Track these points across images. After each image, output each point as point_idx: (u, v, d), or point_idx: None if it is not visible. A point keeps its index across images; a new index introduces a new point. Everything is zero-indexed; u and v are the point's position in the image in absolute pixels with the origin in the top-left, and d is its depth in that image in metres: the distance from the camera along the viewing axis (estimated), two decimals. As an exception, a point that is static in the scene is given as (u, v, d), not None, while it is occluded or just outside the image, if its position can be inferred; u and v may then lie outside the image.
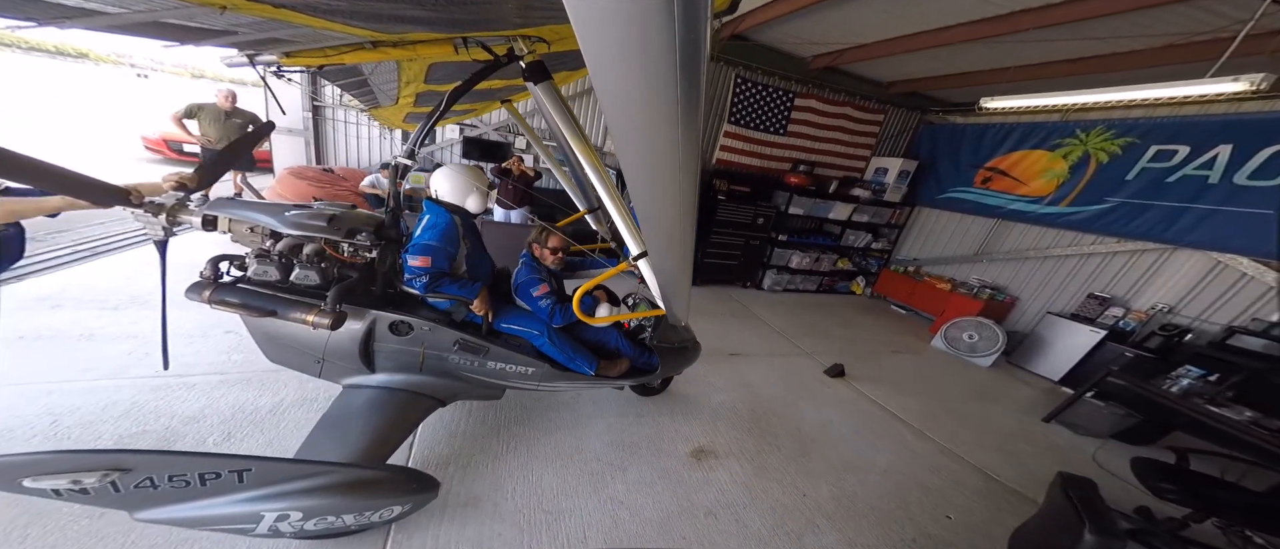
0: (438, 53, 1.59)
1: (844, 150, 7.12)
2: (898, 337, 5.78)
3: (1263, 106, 3.75)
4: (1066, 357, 4.80)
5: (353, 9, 1.05)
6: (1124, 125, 4.67)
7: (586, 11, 0.48)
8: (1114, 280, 4.95)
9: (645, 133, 0.74)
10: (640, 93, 0.62)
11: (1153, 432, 3.59)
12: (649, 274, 1.81)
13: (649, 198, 1.03)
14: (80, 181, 1.39)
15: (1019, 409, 4.09)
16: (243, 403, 2.39)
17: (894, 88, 6.64)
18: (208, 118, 4.40)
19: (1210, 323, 4.19)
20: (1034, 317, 5.52)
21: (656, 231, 1.26)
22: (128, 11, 1.05)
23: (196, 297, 1.72)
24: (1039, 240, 5.67)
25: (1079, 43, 3.66)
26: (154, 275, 1.86)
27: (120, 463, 1.29)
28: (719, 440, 2.80)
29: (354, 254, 1.91)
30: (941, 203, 6.78)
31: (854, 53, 5.26)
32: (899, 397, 3.89)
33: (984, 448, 3.27)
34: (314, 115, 5.71)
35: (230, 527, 1.50)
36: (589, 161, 1.63)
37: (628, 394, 3.05)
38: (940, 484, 2.74)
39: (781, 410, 3.32)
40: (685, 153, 0.76)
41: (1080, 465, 3.28)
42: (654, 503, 2.20)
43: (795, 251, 6.87)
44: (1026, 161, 5.63)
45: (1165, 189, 4.34)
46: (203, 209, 1.74)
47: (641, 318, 2.62)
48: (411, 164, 1.85)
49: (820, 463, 2.77)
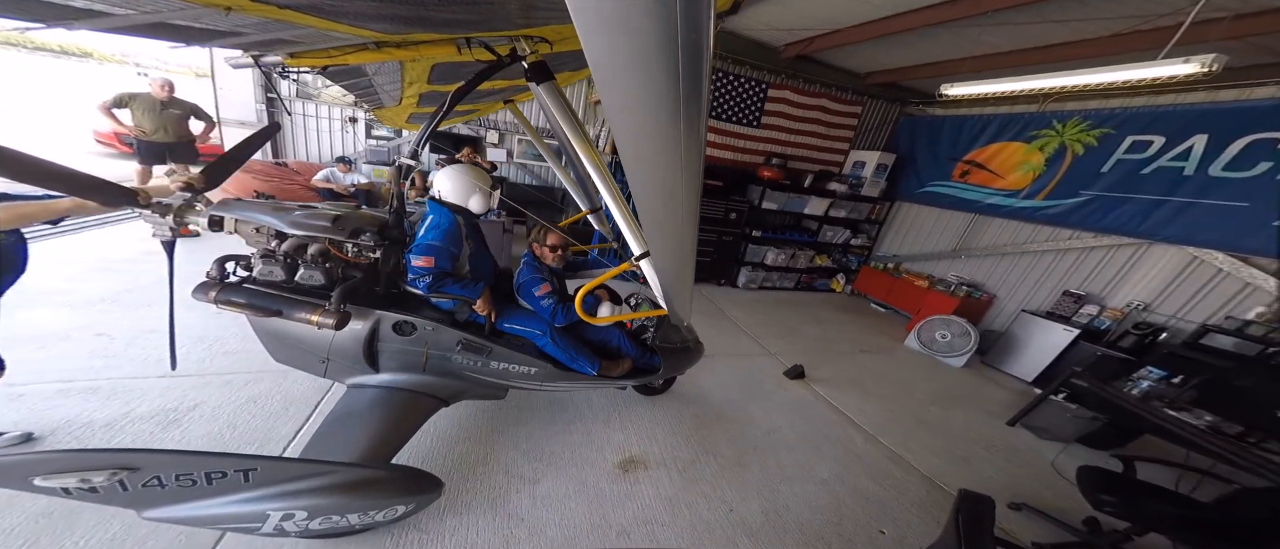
0: (441, 53, 1.61)
1: (821, 143, 6.93)
2: (871, 336, 5.63)
3: (1239, 95, 3.57)
4: (1040, 357, 4.64)
5: (356, 10, 1.06)
6: (1099, 116, 4.48)
7: (589, 12, 0.48)
8: (1090, 277, 4.78)
9: (648, 133, 0.73)
10: (642, 93, 0.61)
11: (1119, 436, 3.44)
12: (651, 274, 1.81)
13: (651, 198, 1.04)
14: (89, 183, 1.41)
15: (985, 412, 3.94)
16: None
17: (871, 79, 6.44)
18: (141, 108, 4.22)
19: (1186, 321, 4.02)
20: (1011, 315, 5.36)
21: (659, 231, 1.27)
22: (134, 13, 1.06)
23: (203, 297, 1.74)
24: (1016, 236, 5.49)
25: (1042, 26, 3.49)
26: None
27: (128, 462, 1.31)
28: (653, 449, 2.66)
29: (358, 254, 1.93)
30: (921, 197, 6.61)
31: (823, 40, 5.07)
32: (858, 399, 3.75)
33: (938, 454, 3.13)
34: (268, 108, 5.55)
35: (236, 526, 1.52)
36: (591, 161, 1.65)
37: (559, 400, 2.92)
38: (882, 495, 2.60)
39: (729, 415, 3.18)
40: (688, 153, 0.76)
41: (1039, 472, 3.14)
42: (560, 521, 2.06)
43: (770, 248, 6.70)
44: (1003, 154, 5.44)
45: (1141, 181, 4.16)
46: (209, 210, 1.75)
47: (644, 318, 2.63)
48: (415, 164, 1.85)
49: (757, 473, 2.63)
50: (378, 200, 5.68)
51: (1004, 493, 2.78)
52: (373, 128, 6.46)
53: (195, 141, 4.58)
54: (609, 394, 3.08)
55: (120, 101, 4.16)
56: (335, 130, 6.10)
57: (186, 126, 4.51)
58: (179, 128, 4.44)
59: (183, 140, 4.48)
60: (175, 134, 4.41)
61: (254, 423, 2.31)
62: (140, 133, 4.28)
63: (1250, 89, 3.52)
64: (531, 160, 7.78)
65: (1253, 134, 3.43)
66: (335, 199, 5.21)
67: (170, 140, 4.39)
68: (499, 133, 7.27)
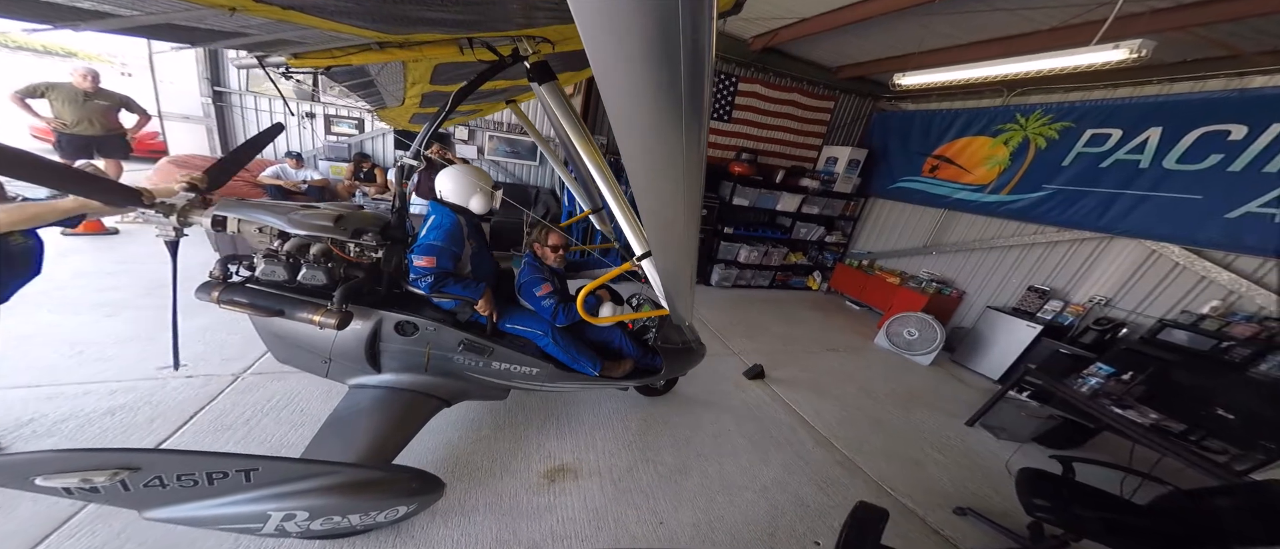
0: (443, 54, 1.61)
1: (794, 139, 6.86)
2: (841, 334, 5.56)
3: (1193, 87, 3.53)
4: (1006, 354, 4.60)
5: (359, 10, 1.07)
6: (1061, 109, 4.44)
7: (590, 12, 0.48)
8: (1055, 272, 4.75)
9: (649, 133, 0.73)
10: (644, 93, 0.61)
11: (1078, 435, 3.39)
12: (653, 274, 1.81)
13: (653, 198, 1.04)
14: (95, 183, 1.42)
15: (946, 411, 3.88)
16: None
17: (841, 73, 6.37)
18: (62, 98, 3.98)
19: (1145, 316, 3.99)
20: (981, 311, 5.32)
21: (660, 232, 1.28)
22: (139, 14, 1.07)
23: (206, 297, 1.75)
24: (984, 231, 5.46)
25: (996, 16, 3.42)
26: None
27: (130, 462, 1.31)
28: (588, 456, 2.55)
29: (360, 254, 1.93)
30: (893, 193, 6.56)
31: (788, 31, 4.99)
32: (817, 399, 3.66)
33: (890, 457, 3.05)
34: (215, 101, 5.34)
35: (237, 526, 1.52)
36: (593, 161, 1.65)
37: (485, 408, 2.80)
38: (824, 503, 2.51)
39: (676, 418, 3.08)
40: (689, 153, 0.76)
41: (991, 474, 3.07)
42: (458, 539, 1.91)
43: (743, 245, 6.62)
44: (970, 148, 5.40)
45: (1100, 175, 4.12)
46: (212, 210, 1.75)
47: (645, 318, 2.63)
48: (417, 164, 1.84)
49: (697, 480, 2.53)
50: (335, 197, 5.49)
51: (951, 497, 2.72)
52: (333, 124, 6.26)
53: (126, 135, 4.36)
54: (544, 398, 2.97)
55: (34, 91, 3.90)
56: (291, 125, 5.89)
57: (116, 119, 4.29)
58: (107, 120, 4.21)
59: (112, 133, 4.26)
60: (103, 127, 4.18)
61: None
62: (61, 125, 4.05)
63: (1202, 81, 3.48)
64: (505, 158, 7.61)
65: (1204, 126, 3.39)
66: (285, 196, 5.02)
67: (97, 133, 4.16)
68: (468, 129, 7.09)
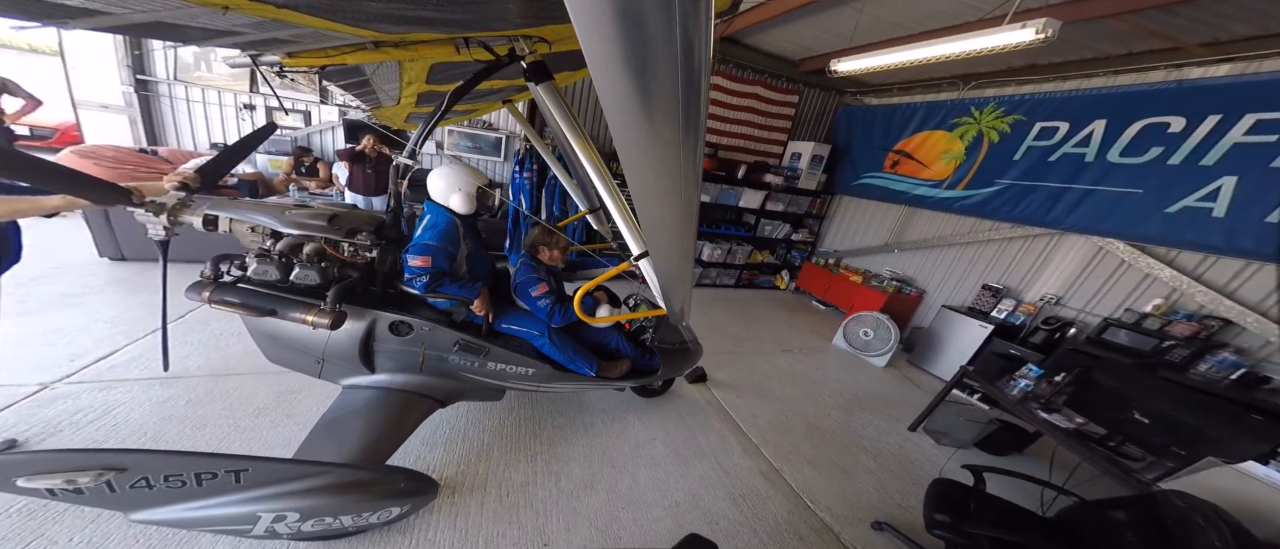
0: (439, 53, 1.60)
1: (758, 133, 6.71)
2: (801, 334, 5.44)
3: (1136, 79, 3.43)
4: (959, 354, 4.48)
5: (355, 9, 1.06)
6: (1012, 101, 4.34)
7: (587, 11, 0.47)
8: (1009, 269, 4.65)
9: (646, 133, 0.73)
10: (641, 93, 0.61)
11: (1018, 439, 3.27)
12: (650, 274, 1.80)
13: (650, 198, 1.03)
14: (82, 180, 1.39)
15: (891, 416, 3.75)
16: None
17: (804, 66, 6.23)
18: None
19: (1093, 315, 3.90)
20: (938, 310, 5.22)
21: (658, 232, 1.27)
22: (130, 11, 1.05)
23: (196, 296, 1.73)
24: (942, 227, 5.35)
25: (939, 4, 3.30)
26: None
27: (116, 462, 1.28)
28: (478, 469, 2.36)
29: (354, 254, 1.91)
30: (857, 189, 6.44)
31: (740, 19, 4.84)
32: (757, 405, 3.52)
33: (819, 466, 2.91)
34: (140, 90, 5.06)
35: (227, 528, 1.50)
36: (590, 161, 1.64)
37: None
38: (735, 519, 2.37)
39: (600, 426, 2.91)
40: (686, 152, 0.76)
41: (923, 482, 2.92)
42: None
43: (705, 243, 6.47)
44: (929, 143, 5.29)
45: (1048, 169, 4.02)
46: (203, 209, 1.71)
47: (642, 318, 2.63)
48: (413, 164, 1.82)
49: (602, 497, 2.37)
50: (269, 192, 5.23)
51: (873, 510, 2.59)
52: (275, 115, 5.97)
53: (4, 121, 4.08)
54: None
55: None
56: (226, 117, 5.61)
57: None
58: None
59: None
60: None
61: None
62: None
63: (1144, 73, 3.39)
64: (467, 152, 7.37)
65: (1146, 118, 3.29)
66: (213, 196, 4.78)
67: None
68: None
